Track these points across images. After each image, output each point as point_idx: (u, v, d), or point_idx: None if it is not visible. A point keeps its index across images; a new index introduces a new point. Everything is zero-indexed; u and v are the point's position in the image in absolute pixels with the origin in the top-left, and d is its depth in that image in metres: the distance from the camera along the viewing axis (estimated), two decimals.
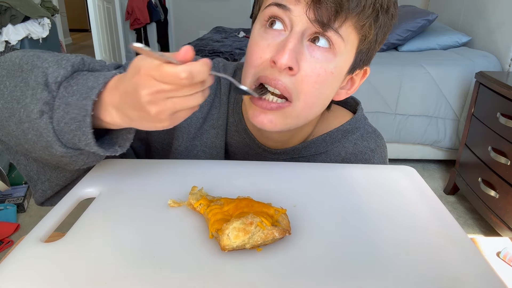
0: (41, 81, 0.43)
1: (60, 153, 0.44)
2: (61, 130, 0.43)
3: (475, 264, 0.36)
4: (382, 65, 2.25)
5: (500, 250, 0.82)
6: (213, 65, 0.66)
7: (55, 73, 0.44)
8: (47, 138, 0.43)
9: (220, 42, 2.88)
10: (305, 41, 0.48)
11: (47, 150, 0.45)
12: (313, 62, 0.48)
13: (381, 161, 0.65)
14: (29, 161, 0.52)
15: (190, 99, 0.38)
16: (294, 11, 0.47)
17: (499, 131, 1.69)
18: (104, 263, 0.34)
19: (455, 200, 2.13)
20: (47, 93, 0.43)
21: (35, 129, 0.43)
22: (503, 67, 2.18)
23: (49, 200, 0.58)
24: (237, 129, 0.63)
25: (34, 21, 2.83)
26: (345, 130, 0.63)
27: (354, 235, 0.39)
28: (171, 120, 0.40)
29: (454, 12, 2.77)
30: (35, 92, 0.43)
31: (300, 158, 0.63)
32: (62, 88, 0.43)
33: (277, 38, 0.49)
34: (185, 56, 0.35)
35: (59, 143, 0.44)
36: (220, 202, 0.41)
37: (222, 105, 0.63)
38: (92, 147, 0.43)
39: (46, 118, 0.43)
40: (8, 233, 1.73)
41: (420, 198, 0.47)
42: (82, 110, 0.41)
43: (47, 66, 0.44)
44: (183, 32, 4.57)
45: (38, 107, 0.42)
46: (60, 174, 0.54)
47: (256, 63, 0.49)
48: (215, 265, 0.34)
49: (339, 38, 0.48)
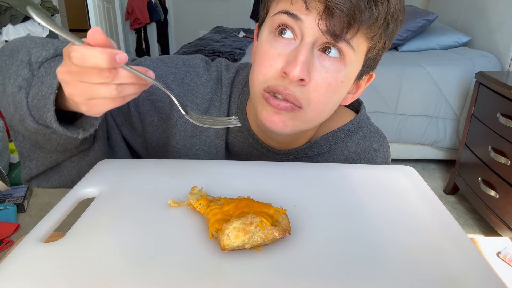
0: (25, 60, 0.48)
1: (32, 128, 0.48)
2: (34, 106, 0.46)
3: (475, 264, 0.36)
4: (382, 65, 2.23)
5: (500, 250, 0.82)
6: (215, 64, 0.66)
7: (37, 54, 0.48)
8: (21, 111, 0.47)
9: (220, 42, 2.88)
10: (315, 50, 0.48)
11: (22, 124, 0.48)
12: (323, 72, 0.48)
13: (384, 160, 0.65)
14: (24, 139, 0.55)
15: (100, 88, 0.38)
16: (305, 21, 0.46)
17: (499, 131, 1.69)
18: (104, 263, 0.34)
19: (455, 200, 2.13)
20: (28, 70, 0.47)
21: (14, 102, 0.47)
22: (503, 67, 2.18)
23: (34, 178, 0.61)
24: (240, 129, 0.63)
25: (34, 21, 2.83)
26: (348, 130, 0.63)
27: (354, 235, 0.39)
28: (87, 106, 0.41)
29: (454, 12, 2.77)
30: (18, 68, 0.48)
31: (304, 158, 0.63)
32: (43, 68, 0.47)
33: (287, 47, 0.48)
34: (92, 38, 0.36)
35: (31, 118, 0.47)
36: (220, 202, 0.41)
37: (222, 104, 0.63)
38: (53, 124, 0.46)
39: (23, 93, 0.47)
40: (8, 233, 1.73)
41: (420, 198, 0.47)
42: (49, 88, 0.45)
43: (33, 47, 0.49)
44: (183, 32, 4.57)
45: (18, 82, 0.47)
46: (47, 155, 0.57)
47: (266, 71, 0.49)
48: (215, 265, 0.34)
49: (350, 49, 0.48)
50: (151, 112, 0.63)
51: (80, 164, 0.60)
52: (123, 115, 0.64)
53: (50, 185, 0.61)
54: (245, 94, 0.63)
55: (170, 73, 0.63)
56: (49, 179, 0.61)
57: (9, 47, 0.52)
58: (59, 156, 0.57)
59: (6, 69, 0.49)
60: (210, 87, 0.64)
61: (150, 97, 0.62)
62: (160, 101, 0.63)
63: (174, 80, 0.62)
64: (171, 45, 4.64)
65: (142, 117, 0.63)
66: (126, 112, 0.63)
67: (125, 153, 0.66)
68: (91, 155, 0.59)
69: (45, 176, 0.61)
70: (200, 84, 0.63)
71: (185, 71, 0.64)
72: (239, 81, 0.64)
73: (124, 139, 0.66)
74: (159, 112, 0.63)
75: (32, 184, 0.61)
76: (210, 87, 0.64)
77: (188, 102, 0.62)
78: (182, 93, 0.62)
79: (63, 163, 0.59)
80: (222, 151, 0.64)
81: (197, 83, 0.63)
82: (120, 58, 0.37)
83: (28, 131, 0.49)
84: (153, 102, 0.63)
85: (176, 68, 0.63)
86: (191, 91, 0.63)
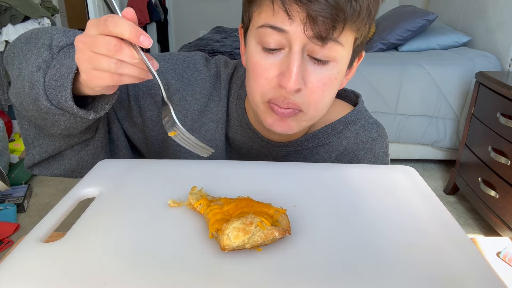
0: (47, 43, 0.51)
1: (44, 107, 0.50)
2: (50, 86, 0.49)
3: (475, 264, 0.36)
4: (382, 65, 2.25)
5: (500, 250, 0.82)
6: (215, 61, 0.68)
7: (59, 39, 0.51)
8: (36, 89, 0.49)
9: (220, 42, 2.88)
10: (305, 54, 0.49)
11: (35, 103, 0.50)
12: (317, 74, 0.50)
13: (383, 150, 0.66)
14: (30, 126, 0.58)
15: (102, 58, 0.42)
16: (291, 31, 0.47)
17: (499, 131, 1.69)
18: (104, 263, 0.34)
19: (455, 200, 2.13)
20: (48, 53, 0.50)
21: (30, 81, 0.49)
22: (503, 67, 2.18)
23: (36, 165, 0.63)
24: (240, 124, 0.64)
25: (34, 21, 2.83)
26: (346, 121, 0.64)
27: (354, 235, 0.39)
28: (88, 75, 0.44)
29: (454, 12, 2.77)
30: (39, 50, 0.50)
31: (304, 150, 0.64)
32: (62, 53, 0.50)
33: (278, 56, 0.49)
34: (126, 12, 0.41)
35: (45, 97, 0.49)
36: (220, 202, 0.41)
37: (221, 99, 0.65)
38: (68, 101, 0.48)
39: (41, 73, 0.49)
40: (8, 233, 1.73)
41: (420, 198, 0.47)
42: (68, 68, 0.48)
43: (55, 33, 0.52)
44: (183, 32, 4.56)
45: (37, 63, 0.49)
46: (50, 142, 0.59)
47: (262, 83, 0.51)
48: (215, 265, 0.34)
49: (339, 46, 0.48)
50: (151, 107, 0.64)
51: (80, 154, 0.62)
52: (124, 109, 0.65)
53: (51, 173, 0.64)
54: (244, 90, 0.64)
55: (170, 69, 0.64)
56: (50, 167, 0.63)
57: (25, 35, 0.55)
58: (61, 143, 0.59)
59: (23, 54, 0.52)
60: (209, 82, 0.65)
61: (150, 91, 0.64)
62: (160, 95, 0.64)
63: (174, 76, 0.64)
64: (171, 45, 4.63)
65: (142, 112, 0.64)
66: (127, 106, 0.64)
67: (125, 148, 0.67)
68: (92, 145, 0.61)
69: (47, 164, 0.63)
70: (200, 79, 0.65)
71: (184, 66, 0.65)
72: (237, 77, 0.66)
73: (125, 134, 0.67)
74: (159, 107, 0.64)
75: (34, 171, 0.63)
76: (209, 83, 0.65)
77: (187, 96, 0.64)
78: (181, 88, 0.64)
79: (65, 151, 0.62)
80: (222, 144, 0.65)
81: (196, 78, 0.65)
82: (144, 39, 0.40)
83: (39, 111, 0.51)
84: (153, 97, 0.64)
85: (176, 64, 0.65)
86: (191, 85, 0.65)
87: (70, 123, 0.52)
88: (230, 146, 0.67)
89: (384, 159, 0.67)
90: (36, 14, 2.82)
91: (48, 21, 2.97)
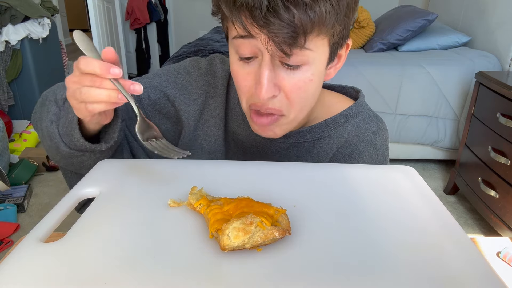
0: (52, 99, 0.59)
1: (66, 153, 0.57)
2: (64, 133, 0.55)
3: (475, 264, 0.36)
4: (382, 65, 2.25)
5: (500, 250, 0.82)
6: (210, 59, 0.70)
7: (61, 92, 0.59)
8: (55, 140, 0.56)
9: (220, 42, 2.88)
10: (277, 61, 0.49)
11: (58, 152, 0.57)
12: (291, 79, 0.50)
13: (383, 143, 0.67)
14: (72, 174, 0.65)
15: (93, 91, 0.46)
16: (259, 40, 0.47)
17: (499, 131, 1.69)
18: (104, 263, 0.34)
19: (455, 200, 2.13)
20: (55, 107, 0.58)
21: (49, 135, 0.57)
22: (503, 67, 2.18)
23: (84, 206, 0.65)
24: (243, 118, 0.66)
25: (34, 21, 2.83)
26: (347, 115, 0.65)
27: (354, 235, 0.39)
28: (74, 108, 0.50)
29: (454, 12, 2.77)
30: (48, 107, 0.59)
31: (305, 142, 0.65)
32: (67, 103, 0.55)
33: (253, 64, 0.51)
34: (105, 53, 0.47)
35: (63, 144, 0.56)
36: (220, 202, 0.41)
37: (218, 96, 0.67)
38: (79, 141, 0.55)
39: (54, 125, 0.57)
40: (8, 233, 1.73)
41: (420, 198, 0.47)
42: (71, 113, 0.54)
43: (56, 88, 0.61)
44: (183, 32, 4.57)
45: (49, 117, 0.57)
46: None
47: (244, 90, 0.54)
48: (215, 265, 0.34)
49: (309, 51, 0.48)
50: (162, 121, 0.68)
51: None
52: None
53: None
54: None
55: (164, 81, 0.68)
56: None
57: (40, 100, 0.62)
58: None
59: (39, 116, 0.60)
60: (203, 80, 0.68)
61: (154, 107, 0.68)
62: (164, 107, 0.68)
63: (168, 85, 0.68)
64: (171, 45, 4.63)
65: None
66: None
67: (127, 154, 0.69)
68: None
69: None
70: (193, 81, 0.68)
71: (176, 73, 0.69)
72: None
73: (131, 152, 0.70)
74: (168, 118, 0.69)
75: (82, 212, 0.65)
76: (203, 81, 0.68)
77: (186, 100, 0.67)
78: (178, 93, 0.67)
79: None
80: (221, 139, 0.68)
81: (189, 81, 0.68)
82: (114, 71, 0.45)
83: (64, 158, 0.58)
84: (159, 111, 0.68)
85: (168, 75, 0.69)
86: (186, 89, 0.68)
87: (92, 160, 0.58)
88: (233, 141, 0.68)
89: (384, 151, 0.67)
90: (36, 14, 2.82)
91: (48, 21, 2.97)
